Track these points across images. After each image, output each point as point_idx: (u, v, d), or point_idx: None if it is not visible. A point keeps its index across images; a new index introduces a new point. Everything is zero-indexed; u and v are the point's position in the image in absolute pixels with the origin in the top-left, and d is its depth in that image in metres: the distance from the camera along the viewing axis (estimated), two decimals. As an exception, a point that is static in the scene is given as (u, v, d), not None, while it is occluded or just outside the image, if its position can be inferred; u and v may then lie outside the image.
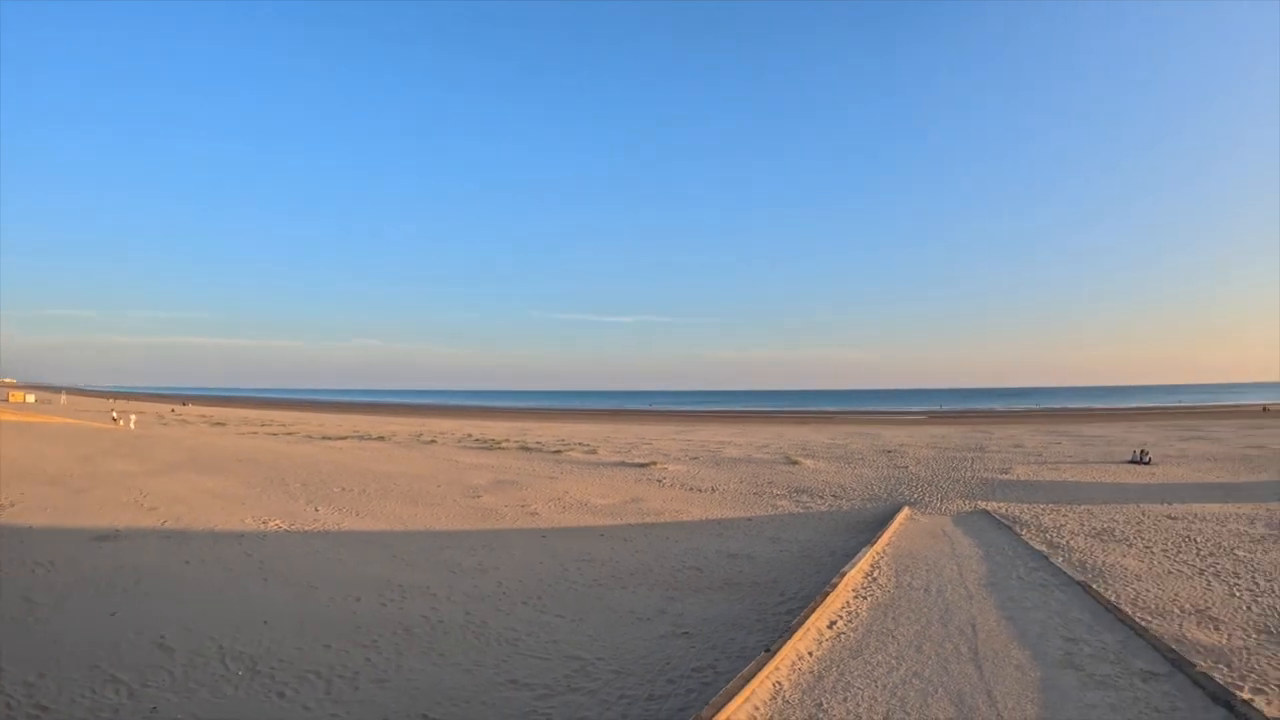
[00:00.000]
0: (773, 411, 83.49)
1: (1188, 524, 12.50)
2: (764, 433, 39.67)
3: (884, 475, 20.56)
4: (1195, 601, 8.10)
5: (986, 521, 13.78)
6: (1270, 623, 7.14)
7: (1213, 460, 21.20)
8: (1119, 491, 16.89)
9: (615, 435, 37.62)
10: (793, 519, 14.30)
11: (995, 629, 7.38)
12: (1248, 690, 5.53)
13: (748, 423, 56.64)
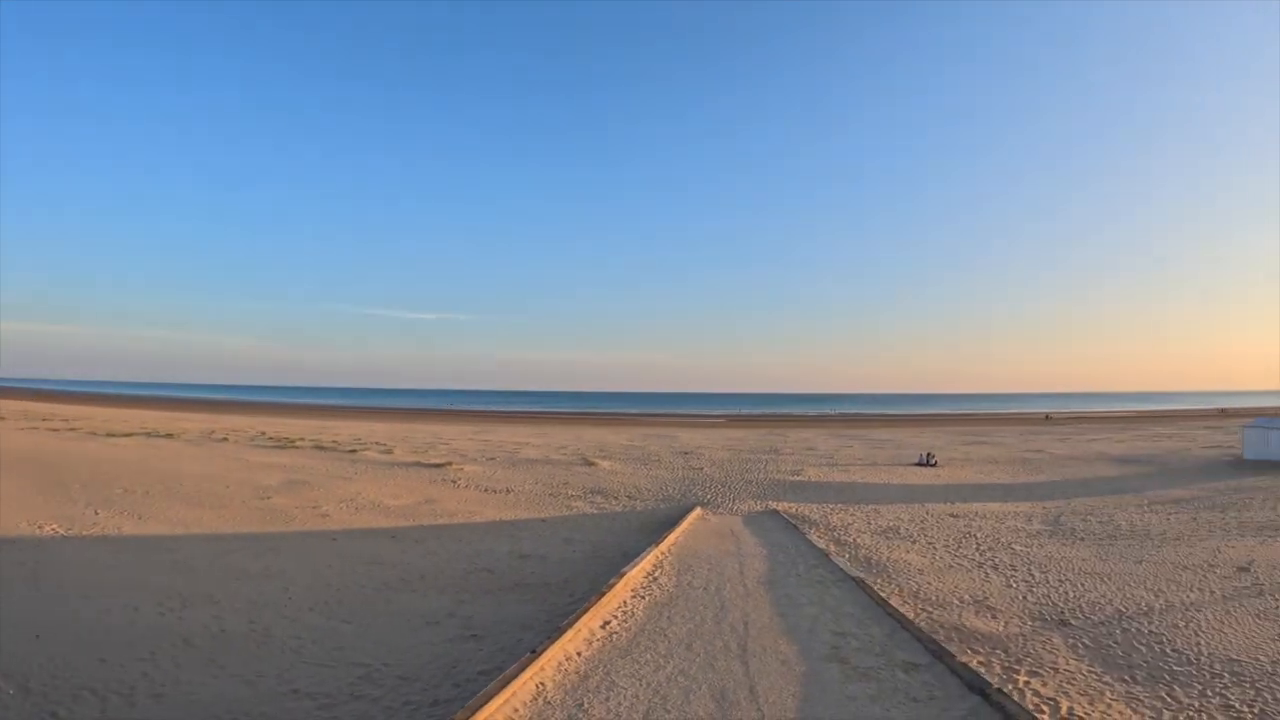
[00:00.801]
0: (573, 413, 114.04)
1: (969, 521, 20.30)
2: (563, 434, 55.71)
3: (679, 476, 30.21)
4: (974, 593, 13.33)
5: (775, 521, 20.53)
6: (1045, 610, 11.93)
7: (994, 463, 34.37)
8: (905, 491, 27.01)
9: (412, 434, 50.75)
10: (587, 520, 20.85)
11: (767, 625, 11.15)
12: (1024, 673, 9.09)
13: (548, 424, 77.42)
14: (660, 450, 42.63)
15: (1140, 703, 8.47)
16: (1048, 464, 36.66)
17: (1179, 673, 9.39)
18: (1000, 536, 19.26)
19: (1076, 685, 9.00)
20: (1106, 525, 20.81)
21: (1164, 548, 17.65)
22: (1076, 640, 10.87)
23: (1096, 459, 39.12)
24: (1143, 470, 34.02)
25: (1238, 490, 26.49)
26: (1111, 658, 10.06)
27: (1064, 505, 24.66)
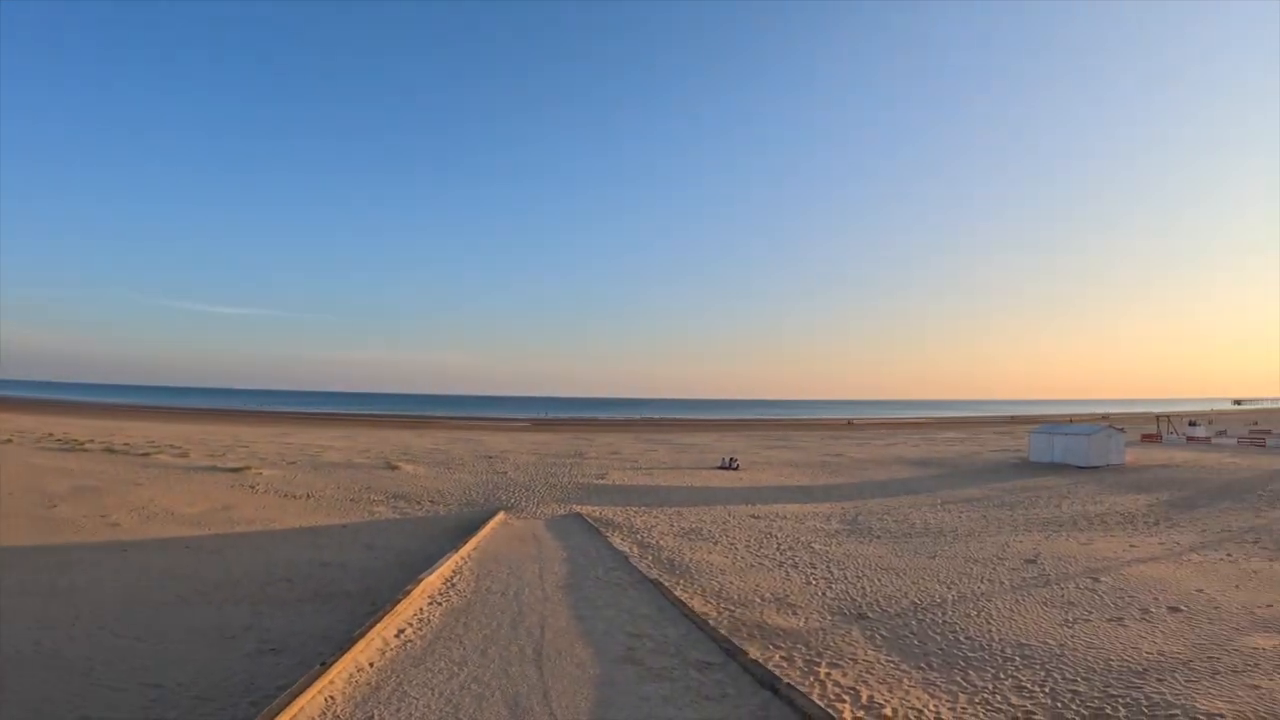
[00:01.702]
0: (378, 415, 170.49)
1: (769, 522, 32.34)
2: (367, 437, 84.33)
3: (483, 481, 47.63)
4: (776, 591, 20.82)
5: (578, 524, 33.25)
6: (843, 605, 20.13)
7: (795, 466, 58.27)
8: (708, 494, 43.61)
9: (210, 437, 75.92)
10: (390, 525, 31.82)
11: (564, 629, 17.50)
12: (825, 665, 15.56)
13: (352, 426, 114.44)
14: (465, 454, 62.73)
15: (937, 688, 13.96)
16: (847, 467, 56.85)
17: (972, 658, 15.51)
18: (800, 536, 29.23)
19: (875, 674, 14.56)
20: (902, 524, 31.50)
21: (956, 543, 27.54)
22: (874, 632, 17.14)
23: (894, 462, 59.84)
24: (937, 472, 52.85)
25: (1024, 489, 43.18)
26: (908, 647, 16.15)
27: (861, 505, 37.07)
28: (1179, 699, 13.59)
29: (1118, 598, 20.52)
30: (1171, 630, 17.72)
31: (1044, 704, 13.48)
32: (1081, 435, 58.81)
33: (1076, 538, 29.37)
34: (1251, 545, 27.80)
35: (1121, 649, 16.34)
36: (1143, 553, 26.57)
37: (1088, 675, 14.80)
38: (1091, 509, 36.61)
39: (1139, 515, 34.77)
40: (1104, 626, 18.00)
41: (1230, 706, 13.21)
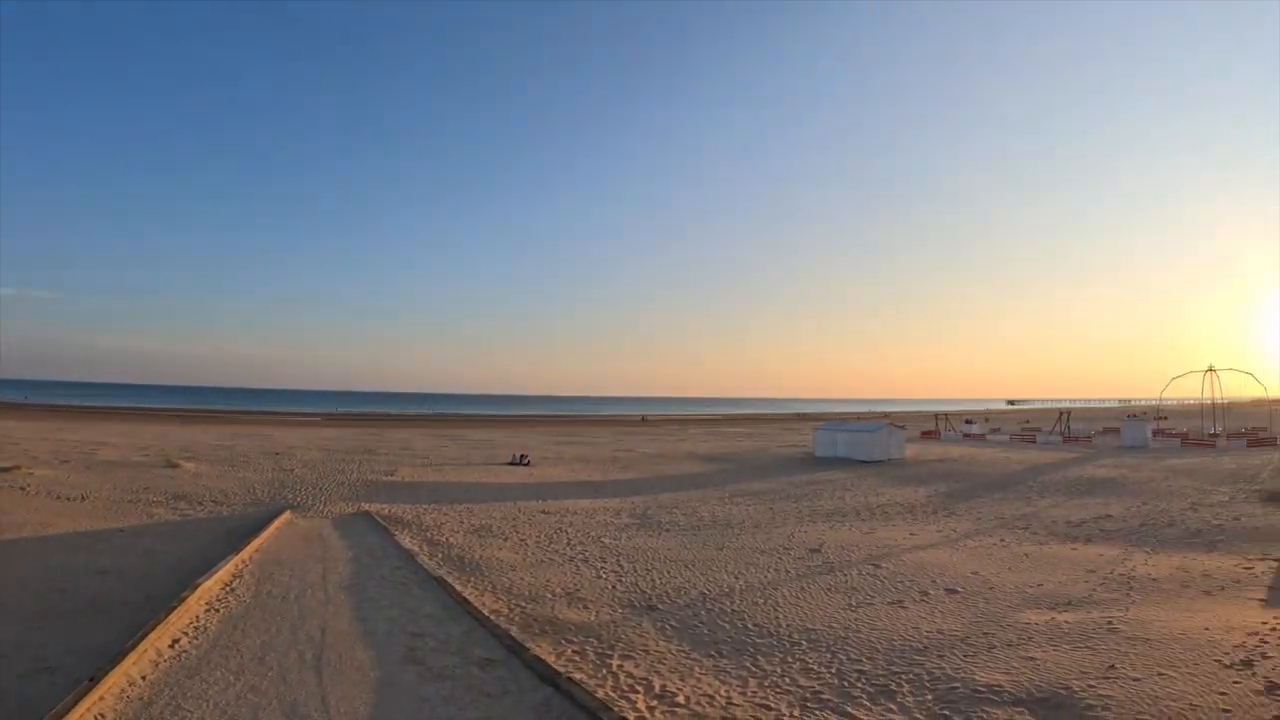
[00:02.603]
0: (160, 409, 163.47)
1: (560, 517, 32.73)
2: (147, 432, 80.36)
3: (269, 479, 44.83)
4: (566, 585, 20.91)
5: (366, 523, 32.37)
6: (633, 598, 20.36)
7: (586, 461, 59.53)
8: (499, 490, 43.36)
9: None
10: (170, 528, 30.15)
11: (345, 632, 16.88)
12: (617, 657, 15.68)
13: (132, 420, 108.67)
14: (251, 450, 61.32)
15: (728, 674, 14.37)
16: (637, 462, 59.96)
17: (761, 644, 16.04)
18: (591, 531, 29.84)
19: (667, 664, 14.86)
20: (691, 517, 32.50)
21: (744, 535, 28.47)
22: (665, 623, 17.50)
23: (684, 457, 62.02)
24: (726, 467, 55.01)
25: (809, 483, 45.47)
26: (699, 636, 16.55)
27: (652, 500, 38.09)
28: (959, 672, 14.51)
29: (898, 582, 21.74)
30: (950, 610, 18.91)
31: (831, 684, 14.06)
32: (864, 432, 62.66)
33: (859, 527, 31.01)
34: (1022, 531, 30.31)
35: (903, 629, 17.29)
36: (922, 540, 28.34)
37: (872, 655, 15.57)
38: (873, 500, 38.84)
39: (918, 506, 37.12)
40: (886, 609, 19.01)
41: (1007, 677, 14.20)
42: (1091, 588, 21.15)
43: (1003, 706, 12.98)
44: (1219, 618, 18.07)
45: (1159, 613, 18.59)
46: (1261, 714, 12.68)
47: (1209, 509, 34.92)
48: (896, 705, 13.10)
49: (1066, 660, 15.14)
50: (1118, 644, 16.08)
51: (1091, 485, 44.66)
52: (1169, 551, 26.02)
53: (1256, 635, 16.55)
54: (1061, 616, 18.32)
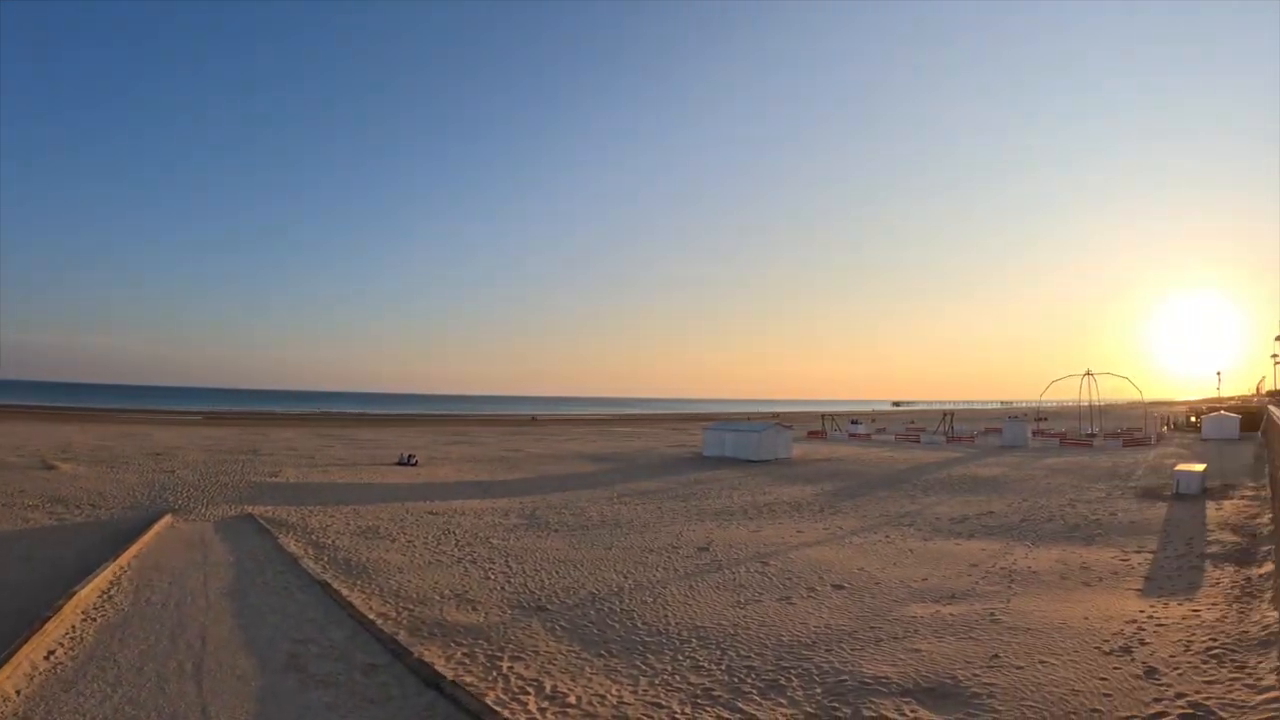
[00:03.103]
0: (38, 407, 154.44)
1: (448, 518, 32.51)
2: (23, 431, 77.85)
3: (149, 480, 43.44)
4: (455, 587, 20.72)
5: (249, 526, 31.34)
6: (522, 599, 20.25)
7: (474, 461, 59.36)
8: (386, 491, 41.96)
9: None
10: (47, 533, 29.14)
11: (226, 640, 16.51)
12: (507, 659, 15.61)
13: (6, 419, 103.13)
14: (131, 451, 59.88)
15: (619, 673, 14.44)
16: (525, 462, 60.40)
17: (651, 643, 16.17)
18: (479, 531, 29.71)
19: (558, 665, 14.85)
20: (579, 517, 32.62)
21: (632, 534, 28.67)
22: (554, 624, 17.49)
23: (572, 457, 62.52)
24: (614, 466, 55.53)
25: (697, 482, 46.11)
26: (588, 636, 16.59)
27: (540, 500, 38.15)
28: (847, 666, 14.84)
29: (786, 579, 22.13)
30: (837, 605, 19.33)
31: (721, 680, 14.26)
32: (752, 432, 63.56)
33: (747, 526, 31.49)
34: (907, 528, 31.15)
35: (791, 625, 17.64)
36: (809, 538, 28.85)
37: (761, 651, 15.83)
38: (761, 499, 39.43)
39: (805, 504, 37.81)
40: (774, 606, 19.36)
41: (894, 669, 14.60)
42: (974, 581, 21.89)
43: (890, 697, 13.31)
44: (1098, 607, 18.97)
45: (1040, 604, 19.39)
46: (1141, 697, 13.32)
47: (1087, 505, 36.63)
48: (787, 699, 13.32)
49: (951, 651, 15.63)
50: (1001, 634, 16.72)
51: (974, 483, 46.38)
52: (1049, 545, 27.16)
53: (1134, 623, 17.47)
54: (946, 609, 18.91)
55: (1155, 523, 31.62)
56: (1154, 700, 13.20)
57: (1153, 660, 15.02)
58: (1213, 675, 14.40)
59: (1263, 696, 13.25)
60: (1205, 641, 16.25)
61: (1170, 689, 13.70)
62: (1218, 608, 18.99)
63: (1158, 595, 20.31)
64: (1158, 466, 53.56)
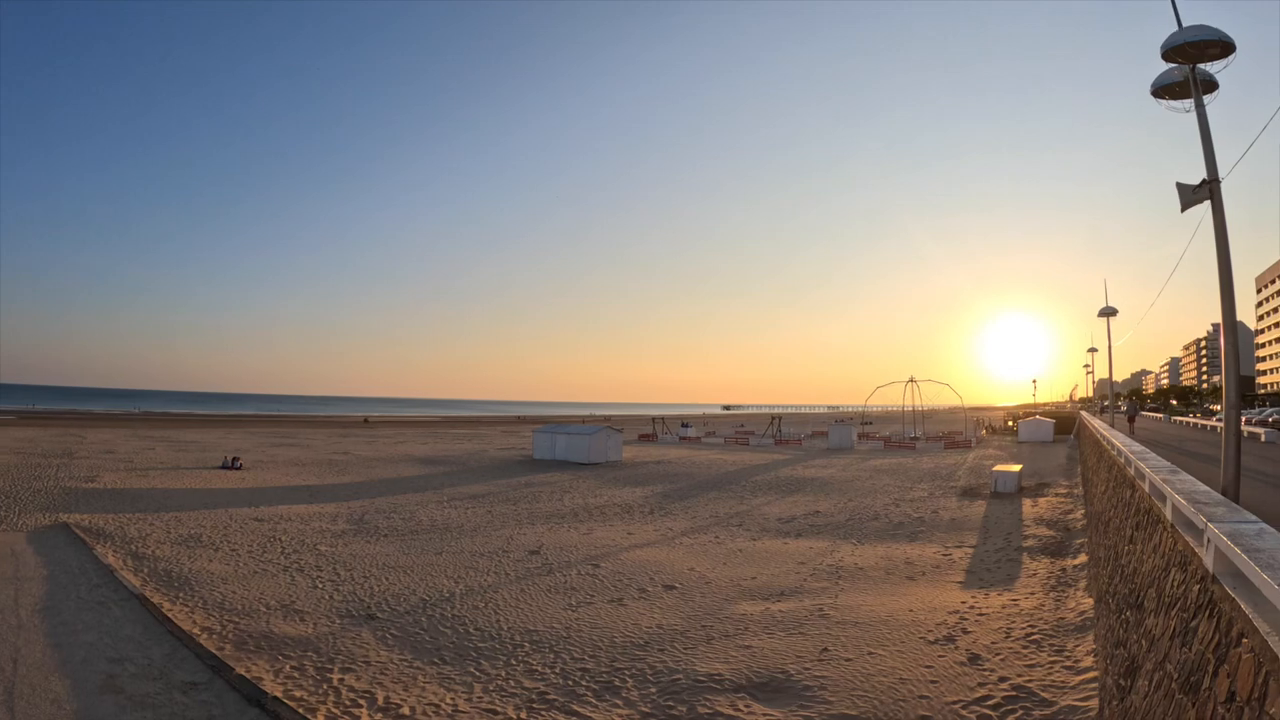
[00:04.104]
0: None
1: (274, 525, 31.48)
2: None
3: None
4: (282, 597, 20.13)
5: (64, 536, 29.83)
6: (351, 607, 20.42)
7: (301, 465, 58.02)
8: (209, 497, 41.25)
9: None
10: None
11: (39, 661, 15.85)
12: (338, 670, 15.83)
13: None
14: None
15: (452, 681, 14.40)
16: (354, 465, 59.48)
17: (484, 648, 16.17)
18: (306, 538, 28.77)
19: (390, 674, 14.67)
20: (409, 521, 32.08)
21: (463, 538, 28.42)
22: (385, 632, 17.22)
23: (402, 460, 61.62)
24: (445, 470, 54.98)
25: (528, 485, 45.96)
26: (420, 644, 16.43)
27: (369, 505, 37.32)
28: (680, 664, 15.23)
29: (618, 581, 22.51)
30: (669, 606, 19.76)
31: (556, 684, 14.45)
32: (583, 435, 64.25)
33: (578, 529, 31.81)
34: (737, 528, 31.96)
35: (624, 626, 17.98)
36: (640, 539, 29.35)
37: (594, 653, 16.14)
38: (592, 502, 39.86)
39: (635, 506, 38.37)
40: (606, 608, 19.69)
41: (727, 666, 15.04)
42: (803, 578, 22.71)
43: (724, 694, 13.71)
44: (922, 600, 20.01)
45: (867, 598, 20.30)
46: (966, 682, 14.17)
47: (910, 504, 38.50)
48: (622, 700, 13.57)
49: (782, 646, 16.20)
50: (830, 628, 17.47)
51: (801, 484, 47.94)
52: (874, 543, 28.39)
53: (956, 614, 18.56)
54: (776, 606, 19.57)
55: (975, 520, 33.57)
56: (979, 685, 14.08)
57: (976, 648, 16.05)
58: (1033, 659, 15.54)
59: (1081, 677, 14.31)
60: (1025, 628, 17.48)
61: (994, 674, 14.72)
62: (1035, 597, 20.37)
63: (978, 587, 21.69)
64: (977, 467, 56.88)
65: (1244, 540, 7.10)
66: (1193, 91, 13.94)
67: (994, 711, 13.08)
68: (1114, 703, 11.12)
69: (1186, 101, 14.19)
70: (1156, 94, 14.79)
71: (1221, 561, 7.48)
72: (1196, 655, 7.34)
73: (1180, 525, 10.25)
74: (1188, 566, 9.05)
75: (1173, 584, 9.66)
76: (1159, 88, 14.66)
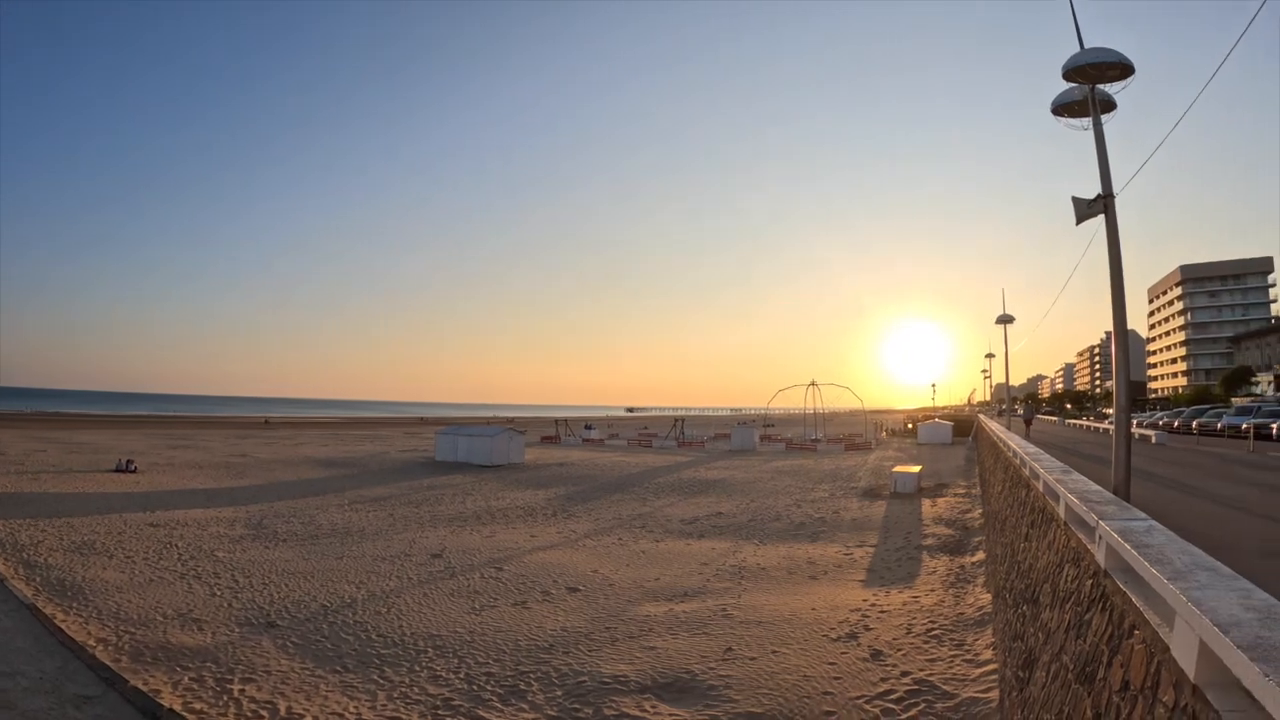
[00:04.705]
0: None
1: (170, 530, 30.53)
2: None
3: None
4: (179, 606, 19.54)
5: None
6: (250, 615, 19.54)
7: (199, 468, 56.37)
8: (103, 501, 38.96)
9: None
10: None
11: None
12: (238, 681, 15.25)
13: None
14: None
15: (355, 689, 14.25)
16: (253, 468, 58.32)
17: (387, 655, 16.03)
18: (204, 544, 27.98)
19: (291, 684, 14.46)
20: (309, 525, 31.58)
21: (364, 543, 28.09)
22: (285, 640, 16.94)
23: (302, 462, 60.82)
24: (345, 472, 54.32)
25: (430, 488, 45.65)
26: (322, 652, 16.23)
27: (268, 509, 36.55)
28: (585, 666, 15.34)
29: (521, 583, 22.56)
30: (572, 608, 19.90)
31: (461, 689, 14.42)
32: (485, 436, 64.16)
33: (480, 531, 31.78)
34: (640, 530, 32.20)
35: (528, 629, 18.04)
36: (543, 541, 29.43)
37: (499, 657, 16.15)
38: (495, 504, 39.80)
39: (538, 508, 38.42)
40: (510, 611, 19.71)
41: (632, 667, 15.20)
42: (706, 579, 22.99)
43: (630, 695, 13.85)
44: (824, 599, 20.41)
45: (769, 598, 20.61)
46: (869, 678, 14.56)
47: (812, 505, 39.20)
48: (528, 704, 13.62)
49: (687, 647, 16.42)
50: (733, 628, 17.73)
51: (704, 485, 48.45)
52: (777, 543, 28.83)
53: (858, 612, 19.00)
54: (679, 607, 19.79)
55: (876, 519, 34.34)
56: (881, 680, 14.44)
57: (878, 644, 16.48)
58: (934, 654, 15.99)
59: (981, 670, 14.74)
60: (925, 624, 17.97)
61: (896, 669, 15.13)
62: (935, 593, 20.92)
63: (880, 585, 22.22)
64: (877, 469, 58.12)
65: (1134, 537, 7.40)
66: (1091, 110, 14.45)
67: (897, 705, 13.42)
68: (1013, 694, 11.50)
69: (1085, 120, 14.77)
70: (1056, 112, 15.36)
71: (1113, 557, 7.79)
72: (1091, 647, 7.63)
73: (1073, 523, 10.63)
74: (1081, 562, 9.39)
75: (1067, 579, 10.01)
76: (1059, 106, 15.27)
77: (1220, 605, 5.00)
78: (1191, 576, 5.83)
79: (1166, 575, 5.88)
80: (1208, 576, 5.85)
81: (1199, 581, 5.67)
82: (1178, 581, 5.66)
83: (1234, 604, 5.04)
